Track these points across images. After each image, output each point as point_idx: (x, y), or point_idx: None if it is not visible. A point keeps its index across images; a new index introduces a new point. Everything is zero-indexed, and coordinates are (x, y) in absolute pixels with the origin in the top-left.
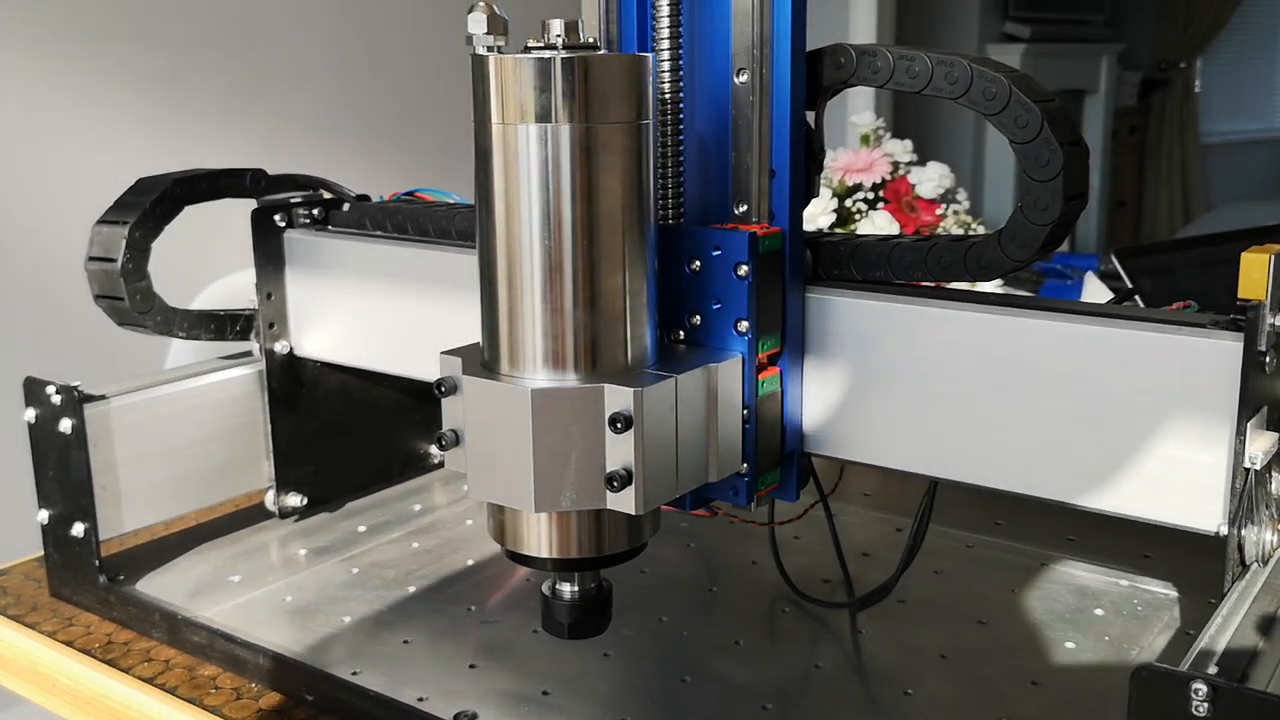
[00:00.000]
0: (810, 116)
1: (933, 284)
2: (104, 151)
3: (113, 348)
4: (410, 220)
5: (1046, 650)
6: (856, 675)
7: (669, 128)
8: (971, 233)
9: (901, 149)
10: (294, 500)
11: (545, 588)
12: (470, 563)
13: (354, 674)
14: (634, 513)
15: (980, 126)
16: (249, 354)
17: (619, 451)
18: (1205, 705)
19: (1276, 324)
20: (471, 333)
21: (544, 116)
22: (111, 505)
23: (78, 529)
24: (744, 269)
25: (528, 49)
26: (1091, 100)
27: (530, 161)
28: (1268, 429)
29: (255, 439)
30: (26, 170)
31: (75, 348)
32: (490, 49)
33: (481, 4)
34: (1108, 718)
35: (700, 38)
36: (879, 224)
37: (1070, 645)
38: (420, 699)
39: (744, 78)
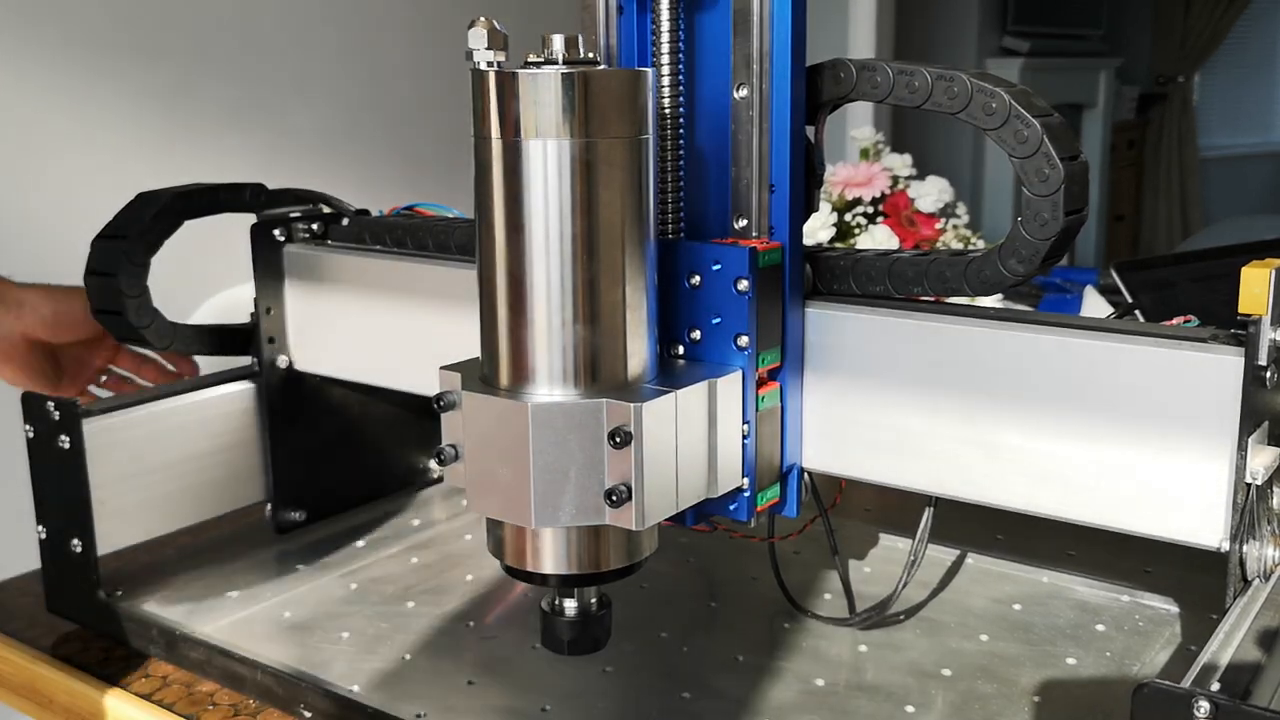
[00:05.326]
0: (810, 131)
1: (932, 299)
2: (103, 166)
3: None
4: (410, 235)
5: (1047, 666)
6: (857, 691)
7: (669, 142)
8: (971, 247)
9: (901, 163)
10: (293, 515)
11: (545, 603)
12: (469, 578)
13: (352, 690)
14: (634, 528)
15: (979, 141)
16: (248, 369)
17: (619, 467)
18: None
19: (1277, 338)
20: (471, 347)
21: (544, 131)
22: (110, 520)
23: (76, 544)
24: (744, 284)
25: (528, 64)
26: (1090, 114)
27: (530, 176)
28: (1269, 444)
29: (254, 454)
30: (26, 184)
31: None
32: (490, 64)
33: (481, 19)
34: None
35: (700, 52)
36: (878, 238)
37: (1071, 661)
38: (419, 715)
39: (744, 92)
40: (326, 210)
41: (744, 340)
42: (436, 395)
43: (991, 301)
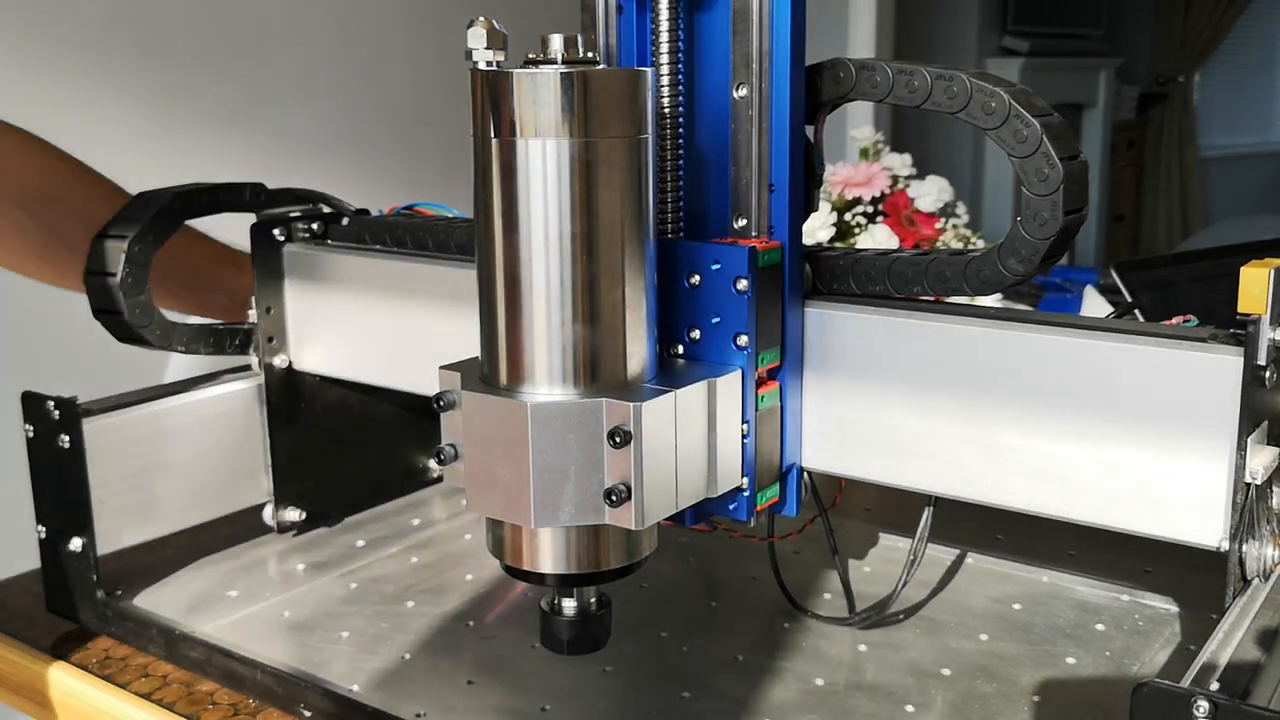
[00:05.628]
0: (810, 131)
1: (932, 298)
2: (103, 165)
3: (112, 362)
4: (409, 234)
5: (1047, 666)
6: (857, 691)
7: (668, 142)
8: (971, 247)
9: (900, 163)
10: (292, 515)
11: (544, 603)
12: (469, 578)
13: (352, 689)
14: (633, 528)
15: (979, 140)
16: (248, 368)
17: (618, 466)
18: None
19: (1277, 338)
20: (471, 347)
21: (543, 131)
22: (110, 520)
23: (76, 544)
24: (743, 283)
25: (527, 63)
26: (1090, 114)
27: (529, 176)
28: (1268, 444)
29: (254, 453)
30: None
31: (74, 362)
32: (490, 63)
33: (481, 19)
34: None
35: (699, 52)
36: (878, 238)
37: (1071, 661)
38: (419, 715)
39: (743, 92)
40: (326, 210)
41: (743, 340)
42: (436, 395)
43: (991, 301)
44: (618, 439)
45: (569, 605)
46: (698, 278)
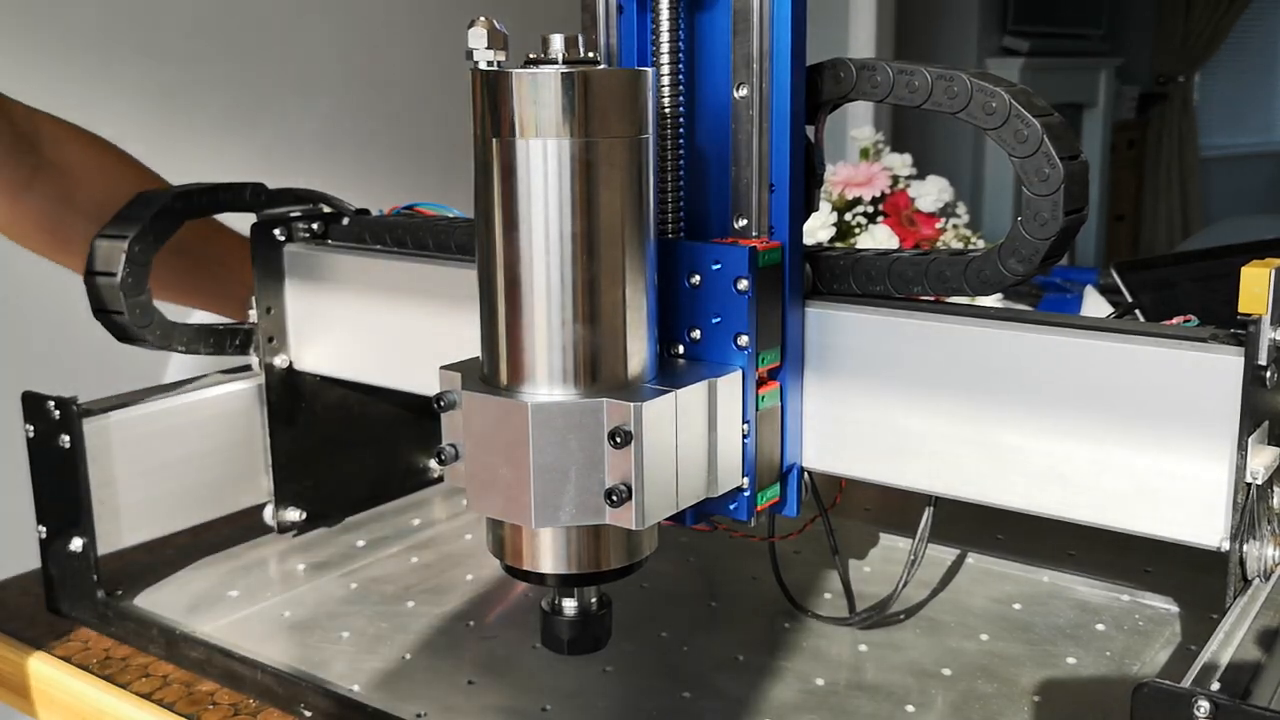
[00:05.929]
0: (810, 131)
1: (932, 298)
2: None
3: (112, 362)
4: (410, 234)
5: (1047, 666)
6: (857, 691)
7: (669, 142)
8: (971, 247)
9: (901, 163)
10: (293, 515)
11: (545, 603)
12: (469, 578)
13: (352, 689)
14: (633, 528)
15: (979, 140)
16: (248, 368)
17: (618, 466)
18: None
19: (1277, 338)
20: (471, 347)
21: (544, 131)
22: (110, 520)
23: (76, 544)
24: (744, 283)
25: (528, 63)
26: (1090, 114)
27: (530, 176)
28: (1269, 444)
29: (254, 453)
30: None
31: (74, 363)
32: (490, 63)
33: (482, 19)
34: None
35: (700, 52)
36: (879, 238)
37: (1071, 661)
38: (419, 715)
39: (744, 92)
40: (326, 210)
41: (744, 340)
42: (436, 395)
43: (991, 301)
44: (618, 439)
45: (569, 605)
46: (698, 278)
